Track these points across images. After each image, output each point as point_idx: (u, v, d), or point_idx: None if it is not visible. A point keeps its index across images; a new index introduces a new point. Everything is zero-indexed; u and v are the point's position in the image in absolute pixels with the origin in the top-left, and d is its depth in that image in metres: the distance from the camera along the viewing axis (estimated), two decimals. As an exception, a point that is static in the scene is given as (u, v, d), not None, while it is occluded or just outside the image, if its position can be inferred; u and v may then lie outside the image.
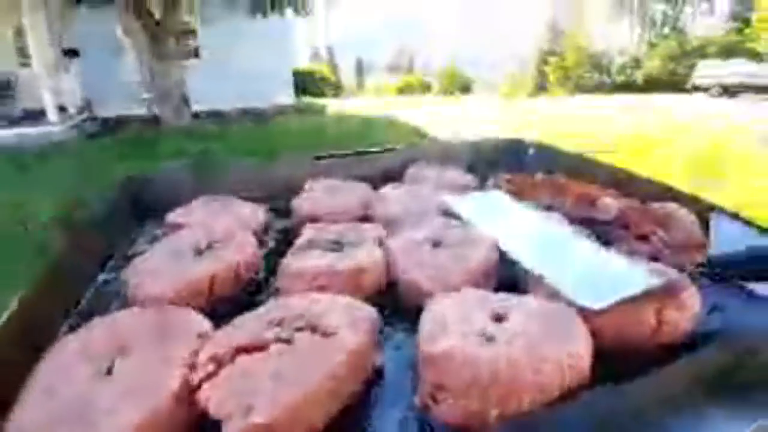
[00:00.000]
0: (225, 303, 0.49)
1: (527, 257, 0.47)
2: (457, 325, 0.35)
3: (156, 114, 8.65)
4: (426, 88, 13.95)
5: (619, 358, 0.38)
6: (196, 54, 9.79)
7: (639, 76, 12.09)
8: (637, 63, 12.22)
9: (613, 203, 0.68)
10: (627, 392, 0.33)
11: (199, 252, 0.52)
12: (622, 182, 0.79)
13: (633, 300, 0.38)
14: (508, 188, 0.78)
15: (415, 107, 8.94)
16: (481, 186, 0.86)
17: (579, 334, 0.35)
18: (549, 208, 0.70)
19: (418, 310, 0.40)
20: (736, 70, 9.83)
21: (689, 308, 0.39)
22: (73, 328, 0.43)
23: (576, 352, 0.33)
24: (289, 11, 8.06)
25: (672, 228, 0.61)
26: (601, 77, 12.66)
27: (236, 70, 9.83)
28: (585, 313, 0.37)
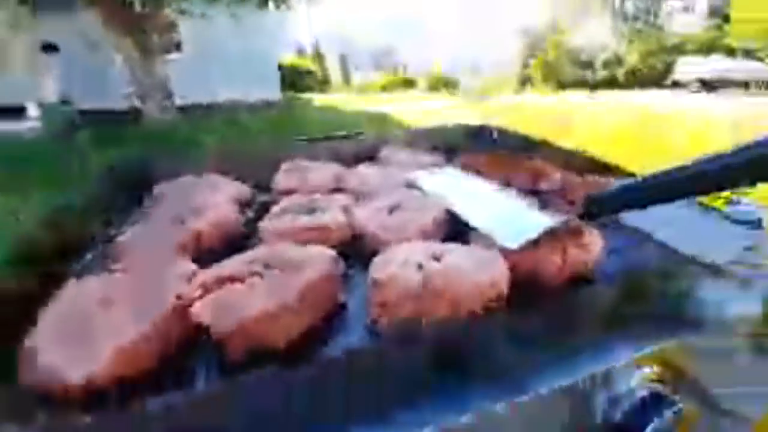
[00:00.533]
0: (209, 260, 0.57)
1: (468, 215, 0.56)
2: (399, 261, 0.44)
3: (137, 108, 8.50)
4: (410, 85, 14.07)
5: (532, 292, 0.47)
6: (177, 48, 9.65)
7: (620, 73, 12.35)
8: (618, 60, 12.49)
9: (555, 176, 0.78)
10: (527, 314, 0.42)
11: (185, 217, 0.60)
12: (568, 159, 0.89)
13: (542, 239, 0.47)
14: (467, 165, 0.87)
15: (400, 104, 9.02)
16: (448, 165, 0.95)
17: (496, 266, 0.44)
18: (504, 182, 0.79)
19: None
20: (715, 66, 10.16)
21: (589, 248, 0.48)
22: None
23: (492, 278, 0.42)
24: (270, 4, 7.99)
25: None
26: (584, 73, 12.90)
27: (220, 64, 9.72)
28: (505, 252, 0.46)
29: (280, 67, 10.48)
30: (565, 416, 0.45)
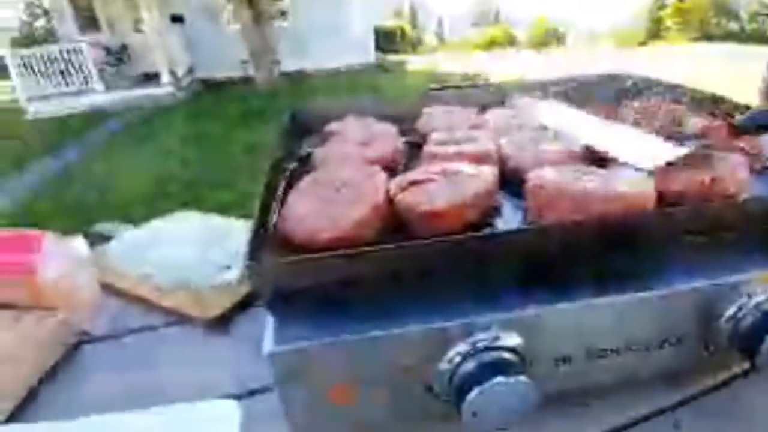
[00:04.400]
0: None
1: (605, 146, 0.63)
2: (554, 175, 0.53)
3: (250, 75, 9.25)
4: (512, 41, 13.09)
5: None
6: (282, 16, 10.16)
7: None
8: (768, 12, 10.17)
9: (696, 121, 0.77)
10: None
11: (362, 144, 0.75)
12: (714, 105, 0.87)
13: (686, 166, 0.53)
14: (598, 113, 0.89)
15: (501, 61, 8.53)
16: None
17: (640, 182, 0.51)
18: (640, 124, 0.81)
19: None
20: None
21: (736, 170, 0.52)
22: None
23: (632, 188, 0.50)
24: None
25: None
26: (728, 24, 10.77)
27: (320, 30, 10.04)
28: (652, 174, 0.53)
29: (375, 31, 10.52)
30: (692, 320, 0.52)
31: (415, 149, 0.80)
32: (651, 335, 0.51)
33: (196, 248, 0.91)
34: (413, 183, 0.55)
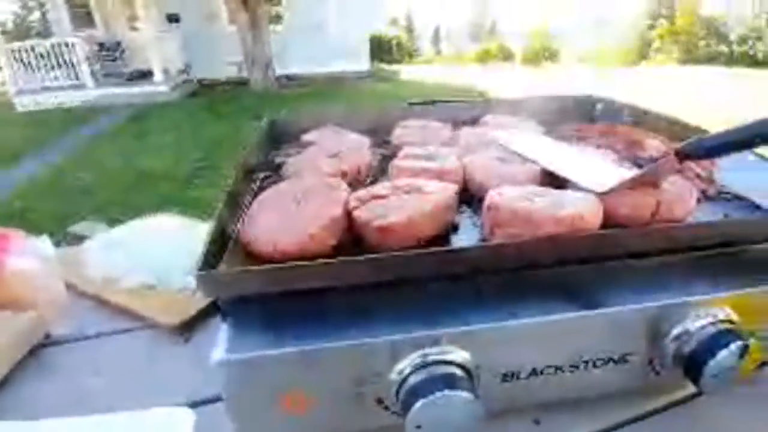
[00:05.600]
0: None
1: (561, 170, 0.65)
2: (511, 194, 0.55)
3: (244, 77, 9.26)
4: (508, 55, 13.29)
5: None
6: (278, 19, 10.22)
7: (759, 50, 10.39)
8: (758, 35, 10.50)
9: (657, 144, 0.80)
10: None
11: (333, 156, 0.76)
12: (677, 131, 0.90)
13: (636, 189, 0.55)
14: (566, 134, 0.92)
15: (494, 75, 8.66)
16: (548, 133, 1.01)
17: (590, 204, 0.53)
18: (603, 148, 0.84)
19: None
20: None
21: (683, 197, 0.54)
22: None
23: (585, 211, 0.51)
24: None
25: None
26: (717, 47, 11.05)
27: (315, 35, 10.09)
28: (599, 197, 0.55)
29: (371, 40, 10.61)
30: (637, 340, 0.54)
31: (387, 161, 0.82)
32: (597, 353, 0.53)
33: (167, 252, 0.91)
34: (374, 197, 0.57)
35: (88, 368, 0.72)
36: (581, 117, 1.14)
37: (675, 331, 0.52)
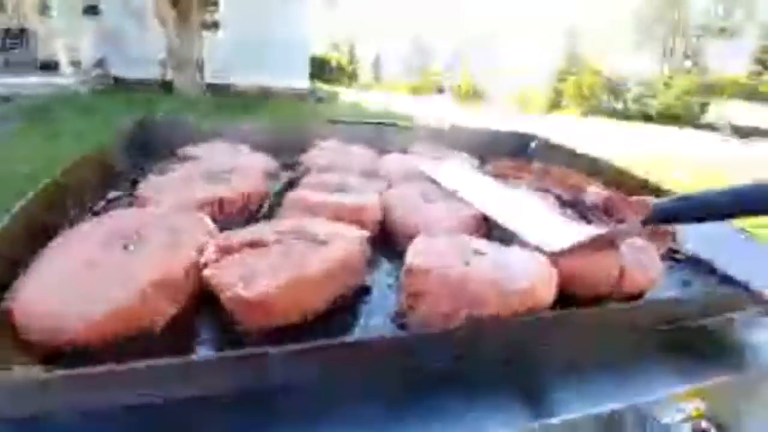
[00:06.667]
0: (231, 227, 0.53)
1: (502, 216, 0.52)
2: (439, 251, 0.40)
3: (168, 79, 8.63)
4: (440, 90, 13.99)
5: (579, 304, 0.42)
6: (215, 26, 9.78)
7: (654, 108, 12.10)
8: (653, 94, 12.25)
9: (599, 191, 0.72)
10: (564, 317, 0.37)
11: (211, 178, 0.56)
12: (611, 176, 0.84)
13: (597, 250, 0.43)
14: (501, 172, 0.83)
15: (427, 106, 8.98)
16: (482, 167, 0.90)
17: (543, 270, 0.39)
18: (540, 190, 0.74)
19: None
20: (750, 113, 9.89)
21: (649, 269, 0.43)
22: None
23: (538, 282, 0.37)
24: (314, -3, 8.09)
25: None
26: (616, 103, 12.67)
27: (254, 48, 9.82)
28: (552, 257, 0.42)
29: (312, 59, 10.55)
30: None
31: (289, 187, 0.64)
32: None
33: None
34: (245, 246, 0.38)
35: None
36: (515, 153, 1.06)
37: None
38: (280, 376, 0.29)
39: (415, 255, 0.39)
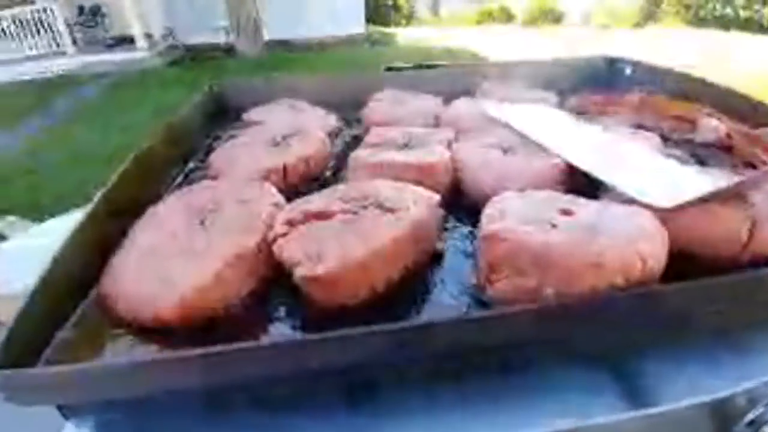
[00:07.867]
0: (296, 194, 0.53)
1: (593, 167, 0.44)
2: (519, 212, 0.35)
3: (232, 42, 8.87)
4: (508, 17, 12.61)
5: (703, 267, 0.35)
6: (267, -18, 9.63)
7: (766, 14, 9.82)
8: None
9: (716, 125, 0.60)
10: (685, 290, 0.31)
11: (274, 144, 0.56)
12: (733, 106, 0.68)
13: (719, 204, 0.35)
14: (586, 106, 0.71)
15: (495, 38, 8.20)
16: (561, 104, 0.79)
17: (651, 233, 0.33)
18: (640, 127, 0.63)
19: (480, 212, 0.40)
20: None
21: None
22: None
23: (645, 249, 0.31)
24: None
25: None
26: (724, 10, 10.46)
27: (309, 0, 9.59)
28: (662, 215, 0.35)
29: (367, 2, 10.07)
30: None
31: (355, 147, 0.61)
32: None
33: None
34: (310, 217, 0.37)
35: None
36: (602, 82, 0.91)
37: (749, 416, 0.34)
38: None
39: (490, 219, 0.35)
